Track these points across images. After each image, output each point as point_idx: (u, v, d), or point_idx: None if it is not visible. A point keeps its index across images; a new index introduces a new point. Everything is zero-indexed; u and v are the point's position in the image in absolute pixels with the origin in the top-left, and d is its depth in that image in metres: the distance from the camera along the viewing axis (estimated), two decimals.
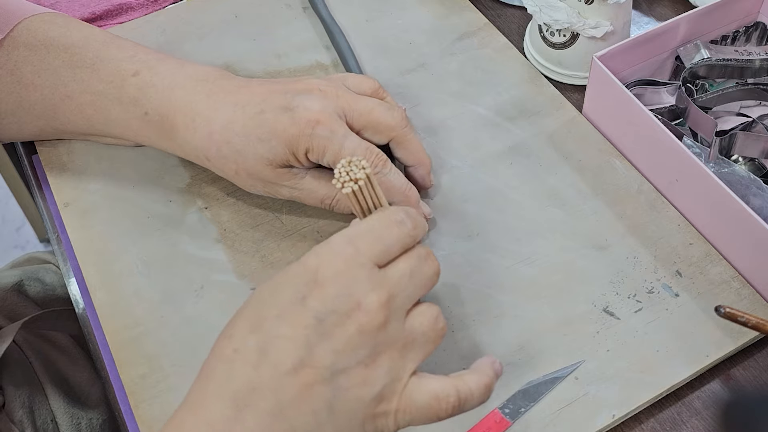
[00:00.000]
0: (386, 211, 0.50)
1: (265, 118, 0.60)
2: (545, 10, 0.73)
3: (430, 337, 0.49)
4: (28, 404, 0.74)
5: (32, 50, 0.66)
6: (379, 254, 0.48)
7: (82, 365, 0.80)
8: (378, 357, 0.47)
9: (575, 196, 0.68)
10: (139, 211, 0.68)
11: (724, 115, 0.71)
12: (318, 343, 0.45)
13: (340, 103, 0.62)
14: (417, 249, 0.50)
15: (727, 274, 0.63)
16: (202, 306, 0.63)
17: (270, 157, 0.61)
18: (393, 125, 0.63)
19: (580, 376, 0.58)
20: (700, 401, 0.59)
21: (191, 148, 0.64)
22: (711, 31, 0.75)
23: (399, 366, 0.47)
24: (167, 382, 0.59)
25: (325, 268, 0.46)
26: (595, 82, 0.70)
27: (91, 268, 0.65)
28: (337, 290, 0.46)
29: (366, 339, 0.46)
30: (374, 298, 0.46)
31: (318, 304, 0.46)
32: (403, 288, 0.48)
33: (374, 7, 0.83)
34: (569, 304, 0.62)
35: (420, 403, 0.48)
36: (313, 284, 0.46)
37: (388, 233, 0.48)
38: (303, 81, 0.63)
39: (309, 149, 0.60)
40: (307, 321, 0.45)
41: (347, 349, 0.46)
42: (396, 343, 0.47)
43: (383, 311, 0.46)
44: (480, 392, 0.50)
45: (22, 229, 1.87)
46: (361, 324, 0.46)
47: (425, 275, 0.49)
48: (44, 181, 0.71)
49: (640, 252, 0.64)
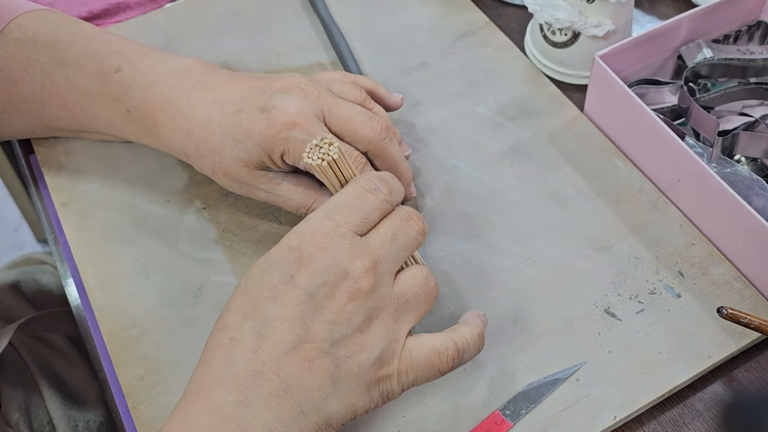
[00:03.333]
0: (360, 180, 0.51)
1: (242, 119, 0.60)
2: (546, 8, 0.73)
3: (421, 297, 0.50)
4: (24, 407, 0.73)
5: (21, 47, 0.66)
6: (358, 224, 0.49)
7: (79, 366, 0.80)
8: (372, 322, 0.48)
9: (577, 196, 0.68)
10: (136, 211, 0.68)
11: (726, 114, 0.71)
12: (312, 318, 0.47)
13: (320, 105, 0.60)
14: (397, 211, 0.51)
15: (729, 275, 0.63)
16: (200, 307, 0.62)
17: (245, 158, 0.60)
18: (371, 138, 0.60)
19: (582, 377, 0.58)
20: (702, 403, 0.59)
21: (172, 144, 0.64)
22: (713, 30, 0.75)
23: (394, 328, 0.49)
24: (166, 383, 0.59)
25: (308, 245, 0.48)
26: (596, 81, 0.70)
27: (89, 269, 0.65)
28: (322, 264, 0.47)
29: (358, 305, 0.47)
30: (359, 265, 0.48)
31: (306, 281, 0.47)
32: (387, 252, 0.49)
33: (374, 6, 0.82)
34: (570, 305, 0.62)
35: (421, 360, 0.50)
36: (299, 262, 0.47)
37: (363, 202, 0.50)
38: (285, 78, 0.62)
39: (285, 152, 0.59)
40: (298, 298, 0.47)
41: (341, 318, 0.47)
42: (388, 306, 0.49)
43: (370, 276, 0.48)
44: (475, 341, 0.52)
45: (20, 229, 1.87)
46: (350, 292, 0.47)
47: (409, 236, 0.51)
48: (42, 181, 0.71)
49: (641, 252, 0.64)
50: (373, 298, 0.48)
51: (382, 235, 0.50)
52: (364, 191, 0.50)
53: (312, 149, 0.51)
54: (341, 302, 0.47)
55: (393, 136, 0.62)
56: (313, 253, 0.47)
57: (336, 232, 0.48)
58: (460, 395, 0.57)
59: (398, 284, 0.50)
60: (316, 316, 0.47)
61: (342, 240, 0.48)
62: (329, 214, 0.49)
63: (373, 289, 0.48)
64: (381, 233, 0.50)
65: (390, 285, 0.49)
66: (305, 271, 0.47)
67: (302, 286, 0.47)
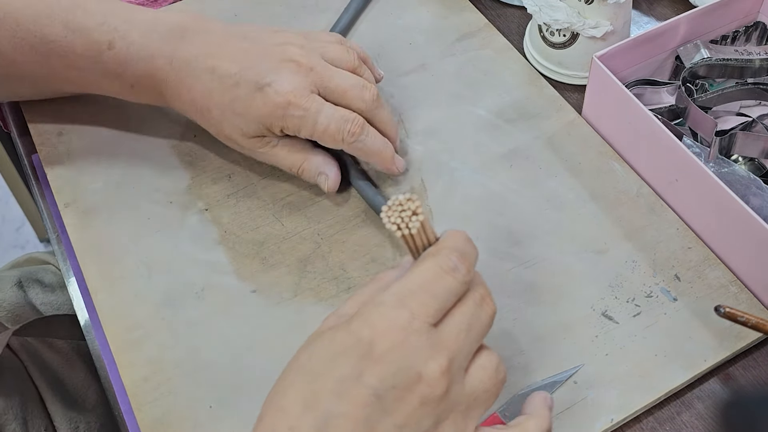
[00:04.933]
0: (438, 257, 0.45)
1: (239, 94, 0.63)
2: (545, 9, 0.73)
3: (492, 392, 0.46)
4: (21, 416, 0.73)
5: (2, 26, 0.64)
6: (435, 313, 0.44)
7: (79, 368, 0.80)
8: (441, 424, 0.44)
9: (574, 199, 0.68)
10: (139, 212, 0.68)
11: (723, 114, 0.71)
12: (379, 420, 0.42)
13: (313, 78, 0.63)
14: (472, 294, 0.46)
15: (725, 278, 0.63)
16: (203, 308, 0.63)
17: (245, 130, 0.64)
18: (363, 108, 0.64)
19: (579, 380, 0.59)
20: (700, 401, 0.60)
21: (180, 110, 0.67)
22: (711, 31, 0.75)
23: (462, 427, 0.45)
24: (169, 384, 0.59)
25: (381, 340, 0.43)
26: (594, 81, 0.70)
27: (92, 269, 0.65)
28: (396, 365, 0.42)
29: (429, 409, 0.43)
30: (435, 367, 0.43)
31: (376, 381, 0.42)
32: (461, 346, 0.44)
33: (374, 7, 0.82)
34: (568, 308, 0.62)
35: None
36: (369, 358, 0.43)
37: (441, 286, 0.44)
38: (281, 46, 0.64)
39: (284, 128, 0.63)
40: (366, 399, 0.42)
41: (410, 422, 0.43)
42: (459, 406, 0.45)
43: (445, 378, 0.43)
44: None
45: (22, 229, 1.86)
46: (423, 396, 0.43)
47: (482, 324, 0.46)
48: (44, 180, 0.71)
49: (638, 256, 0.65)
50: (444, 400, 0.43)
51: (458, 325, 0.44)
52: (443, 272, 0.44)
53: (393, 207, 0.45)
54: (412, 406, 0.43)
55: (382, 101, 0.66)
56: (386, 351, 0.42)
57: (411, 327, 0.43)
58: None
59: (469, 380, 0.45)
60: (383, 418, 0.42)
61: (418, 337, 0.43)
62: (404, 300, 0.43)
63: (447, 391, 0.43)
64: (456, 324, 0.44)
65: (462, 383, 0.45)
66: (376, 370, 0.42)
67: (371, 387, 0.42)
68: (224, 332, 0.62)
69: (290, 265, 0.65)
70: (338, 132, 0.63)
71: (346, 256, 0.65)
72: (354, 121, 0.63)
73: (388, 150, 0.66)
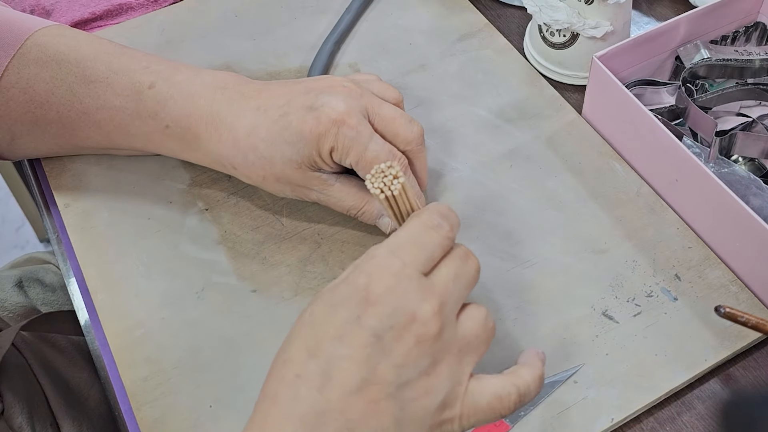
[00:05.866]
0: (422, 216, 0.50)
1: (290, 121, 0.60)
2: (545, 10, 0.73)
3: (482, 338, 0.49)
4: (27, 410, 0.73)
5: (43, 67, 0.64)
6: (424, 262, 0.48)
7: (81, 367, 0.80)
8: (438, 365, 0.47)
9: (575, 199, 0.68)
10: (139, 212, 0.68)
11: (724, 115, 0.71)
12: (379, 360, 0.45)
13: (364, 103, 0.61)
14: (456, 250, 0.50)
15: (725, 278, 0.63)
16: (203, 308, 0.63)
17: (298, 160, 0.60)
18: (411, 139, 0.62)
19: (579, 379, 0.59)
20: (700, 400, 0.60)
21: (216, 157, 0.63)
22: (711, 31, 0.75)
23: (458, 371, 0.48)
24: (169, 384, 0.59)
25: (376, 284, 0.46)
26: (595, 82, 0.70)
27: (92, 270, 0.65)
28: (391, 306, 0.46)
29: (425, 349, 0.46)
30: (428, 308, 0.46)
31: (374, 322, 0.46)
32: (450, 292, 0.48)
33: (374, 7, 0.83)
34: (568, 307, 0.62)
35: (482, 405, 0.49)
36: (366, 303, 0.46)
37: (428, 240, 0.48)
38: (325, 79, 0.63)
39: (333, 148, 0.60)
40: (365, 340, 0.45)
41: (408, 362, 0.46)
42: (452, 349, 0.48)
43: (438, 319, 0.47)
44: (536, 384, 0.51)
45: (22, 229, 1.86)
46: (418, 335, 0.46)
47: (469, 275, 0.50)
48: (45, 181, 0.71)
49: (639, 256, 0.65)
50: (439, 341, 0.47)
51: (446, 274, 0.48)
52: (428, 228, 0.49)
53: (376, 174, 0.50)
54: (409, 346, 0.46)
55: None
56: (382, 293, 0.46)
57: (404, 272, 0.47)
58: None
59: (461, 326, 0.49)
60: (383, 358, 0.45)
61: (410, 281, 0.47)
62: (395, 251, 0.48)
63: (440, 332, 0.47)
64: (444, 273, 0.48)
65: (454, 327, 0.48)
66: (373, 312, 0.46)
67: (370, 328, 0.45)
68: (224, 332, 0.62)
69: (290, 265, 0.65)
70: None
71: (346, 256, 0.65)
72: (401, 158, 0.61)
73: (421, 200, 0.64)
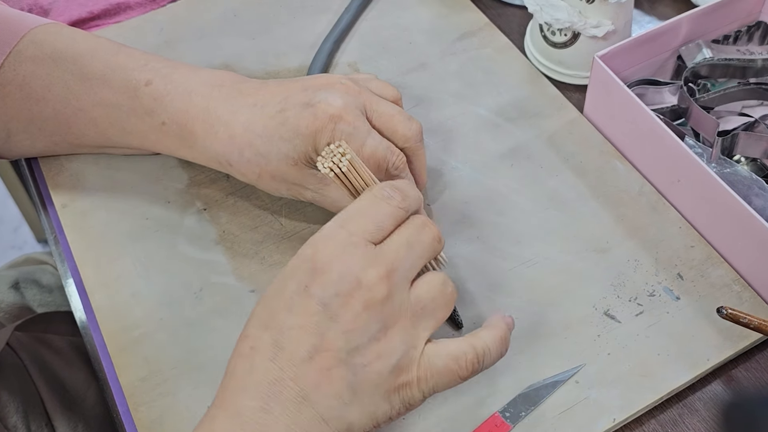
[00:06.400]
0: (373, 189, 0.51)
1: (287, 117, 0.60)
2: (546, 9, 0.73)
3: (439, 302, 0.50)
4: (22, 409, 0.73)
5: (39, 64, 0.64)
6: (372, 232, 0.49)
7: (78, 367, 0.80)
8: (389, 330, 0.48)
9: (576, 198, 0.68)
10: (137, 212, 0.68)
11: (726, 115, 0.71)
12: (328, 327, 0.47)
13: (362, 100, 0.61)
14: (412, 219, 0.51)
15: (728, 277, 0.63)
16: (201, 308, 0.62)
17: (294, 156, 0.60)
18: (409, 136, 0.62)
19: (581, 379, 0.58)
20: (702, 402, 0.59)
21: (212, 154, 0.63)
22: (713, 31, 0.75)
23: (412, 335, 0.49)
24: (167, 384, 0.59)
25: (321, 254, 0.48)
26: (596, 81, 0.70)
27: (89, 270, 0.65)
28: (336, 273, 0.47)
29: (373, 314, 0.47)
30: (373, 273, 0.47)
31: (320, 290, 0.47)
32: (402, 259, 0.49)
33: (374, 6, 0.82)
34: (570, 307, 0.62)
35: (439, 367, 0.49)
36: (313, 272, 0.47)
37: (377, 210, 0.49)
38: (323, 77, 0.63)
39: (330, 144, 0.58)
40: (313, 308, 0.47)
41: (357, 327, 0.47)
42: (405, 313, 0.48)
43: (384, 284, 0.47)
44: (496, 346, 0.51)
45: (20, 230, 1.87)
46: (365, 300, 0.47)
47: (424, 243, 0.50)
48: (42, 181, 0.71)
49: (641, 255, 0.64)
50: (388, 305, 0.48)
51: (397, 242, 0.49)
52: (378, 199, 0.50)
53: (326, 155, 0.51)
54: (356, 311, 0.47)
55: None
56: (327, 262, 0.47)
57: (349, 241, 0.48)
58: (460, 397, 0.58)
59: (415, 291, 0.49)
60: (331, 325, 0.47)
61: (355, 249, 0.48)
62: (342, 223, 0.49)
63: (388, 297, 0.48)
64: (395, 241, 0.49)
65: (406, 292, 0.49)
66: (319, 280, 0.47)
67: (316, 296, 0.47)
68: (222, 332, 0.61)
69: None
70: (384, 159, 0.60)
71: None
72: (399, 155, 0.61)
73: (420, 199, 0.64)
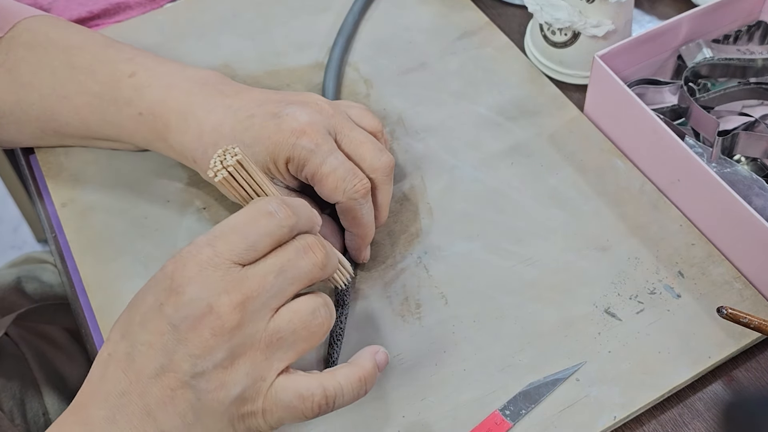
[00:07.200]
0: (258, 202, 0.48)
1: (253, 123, 0.59)
2: (546, 8, 0.73)
3: (300, 335, 0.48)
4: (19, 396, 0.73)
5: (31, 50, 0.65)
6: (241, 252, 0.46)
7: (78, 361, 0.80)
8: (236, 359, 0.46)
9: (576, 196, 0.68)
10: (136, 211, 0.68)
11: (726, 114, 0.71)
12: (175, 348, 0.45)
13: (333, 122, 0.59)
14: (294, 241, 0.48)
15: (729, 275, 0.63)
16: None
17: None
18: (376, 167, 0.59)
19: (582, 377, 0.58)
20: (702, 403, 0.59)
21: (182, 149, 0.63)
22: (713, 30, 0.75)
23: (262, 367, 0.47)
24: None
25: (179, 273, 0.46)
26: (596, 81, 0.70)
27: (89, 269, 0.65)
28: (188, 296, 0.45)
29: (220, 342, 0.45)
30: (225, 301, 0.45)
31: (172, 311, 0.45)
32: (266, 286, 0.46)
33: (374, 6, 0.82)
34: (570, 305, 0.62)
35: (285, 402, 0.48)
36: (169, 291, 0.46)
37: (253, 228, 0.46)
38: (305, 95, 0.62)
39: (289, 158, 0.58)
40: (163, 327, 0.45)
41: (203, 353, 0.45)
42: (257, 344, 0.46)
43: (236, 313, 0.45)
44: (351, 387, 0.49)
45: (20, 230, 1.86)
46: (213, 327, 0.45)
47: (300, 270, 0.47)
48: (41, 181, 0.71)
49: (641, 253, 0.64)
50: (238, 335, 0.46)
51: (268, 266, 0.47)
52: (258, 215, 0.47)
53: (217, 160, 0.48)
54: (203, 337, 0.45)
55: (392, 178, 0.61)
56: (182, 283, 0.45)
57: (211, 262, 0.46)
58: (460, 395, 0.57)
59: (275, 320, 0.47)
60: (179, 347, 0.45)
61: (215, 271, 0.45)
62: (212, 240, 0.46)
63: (239, 326, 0.46)
64: (267, 265, 0.47)
65: (264, 321, 0.46)
66: (172, 300, 0.45)
67: (168, 316, 0.45)
68: None
69: None
70: (343, 180, 0.57)
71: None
72: (362, 179, 0.58)
73: (372, 232, 0.62)
